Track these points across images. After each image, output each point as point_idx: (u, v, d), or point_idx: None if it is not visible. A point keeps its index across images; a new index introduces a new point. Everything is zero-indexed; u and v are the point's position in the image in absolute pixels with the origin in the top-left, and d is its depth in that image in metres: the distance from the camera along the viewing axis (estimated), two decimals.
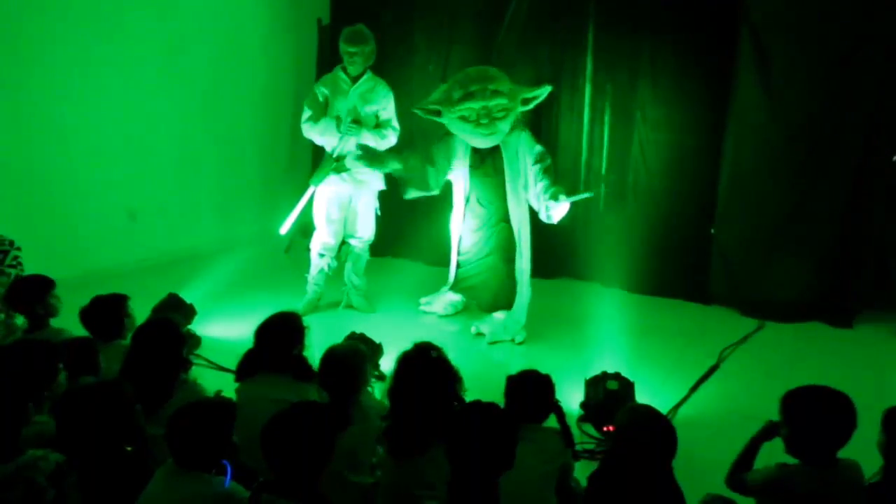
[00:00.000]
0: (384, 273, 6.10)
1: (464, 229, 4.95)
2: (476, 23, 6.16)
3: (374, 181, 5.14)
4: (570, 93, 5.94)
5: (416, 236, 6.51)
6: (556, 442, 2.61)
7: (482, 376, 4.25)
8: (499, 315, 4.89)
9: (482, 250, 4.91)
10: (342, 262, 5.30)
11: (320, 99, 4.97)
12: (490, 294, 4.97)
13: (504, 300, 4.87)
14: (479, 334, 4.88)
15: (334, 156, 4.97)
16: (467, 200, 4.87)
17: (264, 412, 2.31)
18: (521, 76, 5.83)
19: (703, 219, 5.56)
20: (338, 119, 4.90)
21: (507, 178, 4.68)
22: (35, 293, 3.43)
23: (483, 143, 4.60)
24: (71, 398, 2.27)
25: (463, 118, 4.43)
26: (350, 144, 4.94)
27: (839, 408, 2.30)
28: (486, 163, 4.71)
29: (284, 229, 5.20)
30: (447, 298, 5.23)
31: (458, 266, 5.07)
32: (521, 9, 5.98)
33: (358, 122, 4.91)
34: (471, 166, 4.76)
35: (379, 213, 5.26)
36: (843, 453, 2.44)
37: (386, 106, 5.02)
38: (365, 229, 5.21)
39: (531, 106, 4.62)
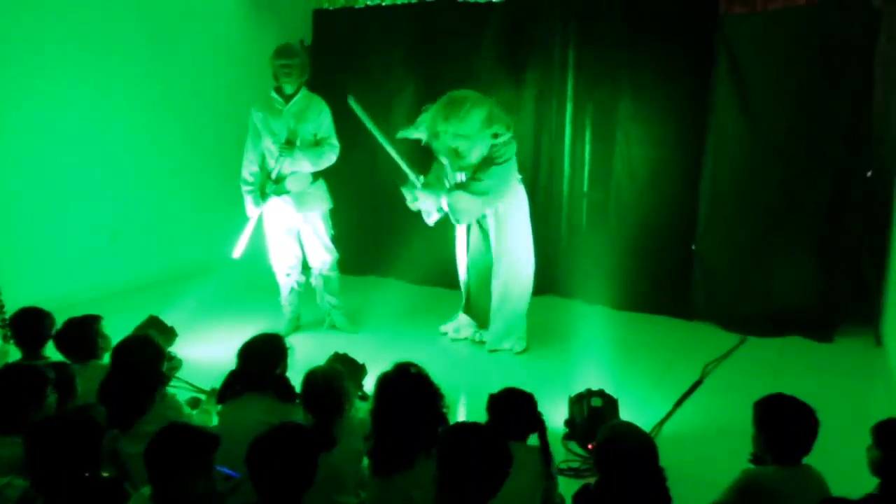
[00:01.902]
0: (368, 292, 6.09)
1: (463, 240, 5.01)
2: (457, 43, 6.21)
3: (318, 202, 5.00)
4: (552, 111, 5.99)
5: (400, 255, 6.52)
6: (537, 459, 2.60)
7: (465, 393, 4.27)
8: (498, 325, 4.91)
9: (472, 262, 4.98)
10: (308, 281, 5.22)
11: (257, 124, 4.86)
12: (481, 307, 5.00)
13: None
14: (481, 342, 4.94)
15: (273, 177, 4.86)
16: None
17: (247, 434, 2.29)
18: (503, 96, 5.90)
19: (684, 235, 5.60)
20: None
21: None
22: (41, 329, 3.40)
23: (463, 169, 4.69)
24: (36, 428, 2.22)
25: (437, 150, 4.69)
26: (287, 166, 4.82)
27: (801, 413, 2.45)
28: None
29: (237, 254, 5.10)
30: (466, 319, 5.15)
31: (466, 283, 5.08)
32: (502, 28, 6.04)
33: (291, 142, 4.79)
34: None
35: (332, 231, 5.14)
36: (825, 464, 2.47)
37: (322, 123, 4.88)
38: (321, 252, 5.08)
39: (499, 141, 4.58)
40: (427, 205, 4.71)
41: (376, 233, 6.71)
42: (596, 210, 5.93)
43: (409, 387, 2.56)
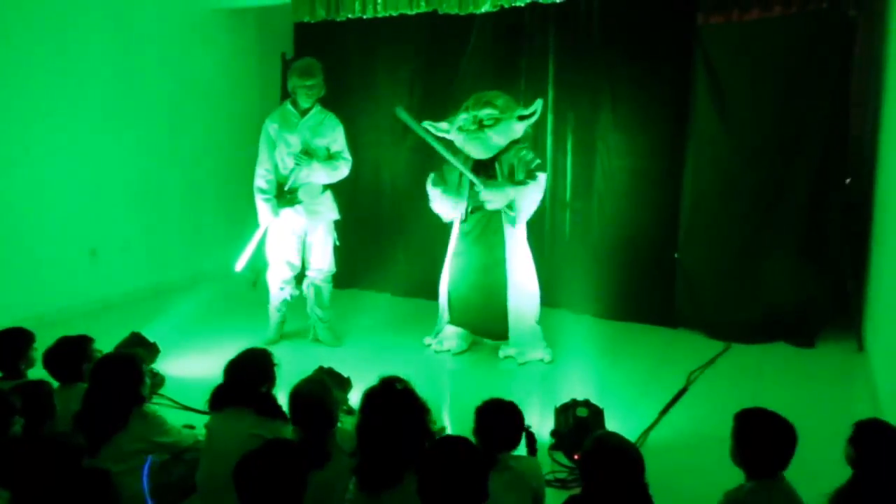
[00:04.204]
0: (351, 305, 6.08)
1: (457, 249, 4.97)
2: (438, 55, 6.23)
3: (328, 212, 5.11)
4: (534, 123, 6.01)
5: (382, 267, 6.51)
6: (527, 467, 2.61)
7: (451, 405, 4.26)
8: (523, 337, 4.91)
9: (471, 272, 4.92)
10: (302, 293, 5.24)
11: (270, 134, 4.95)
12: (484, 319, 4.97)
13: (502, 324, 4.90)
14: (508, 357, 4.90)
15: (286, 188, 4.95)
16: (464, 215, 4.91)
17: (235, 447, 2.29)
18: None
19: (667, 243, 5.63)
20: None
21: None
22: (19, 348, 3.35)
23: (476, 150, 4.75)
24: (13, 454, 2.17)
25: (460, 128, 4.74)
26: (302, 176, 4.93)
27: (780, 429, 2.43)
28: (481, 172, 4.80)
29: (240, 266, 5.13)
30: (452, 331, 5.12)
31: (450, 294, 5.05)
32: (483, 41, 6.08)
33: (308, 153, 4.91)
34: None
35: (338, 243, 5.23)
36: (808, 470, 2.49)
37: (336, 138, 5.04)
38: (322, 261, 5.15)
39: (528, 122, 4.79)
40: (498, 201, 4.69)
41: (359, 246, 6.69)
42: (579, 220, 5.95)
43: (394, 402, 2.55)
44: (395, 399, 2.55)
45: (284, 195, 4.95)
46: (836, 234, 5.13)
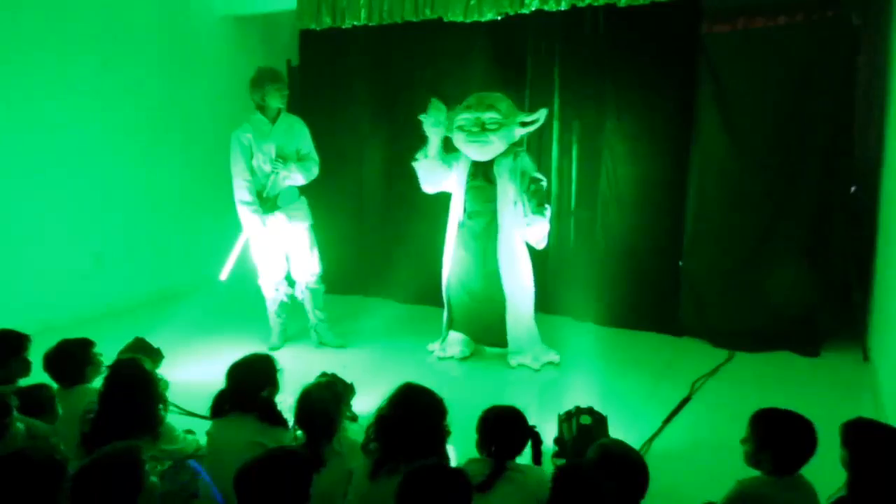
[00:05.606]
0: (354, 311, 6.08)
1: (455, 255, 4.96)
2: (444, 63, 6.25)
3: (305, 216, 5.18)
4: (538, 130, 6.01)
5: (387, 274, 6.51)
6: (532, 476, 2.60)
7: (456, 413, 4.24)
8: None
9: (471, 277, 4.92)
10: (297, 300, 5.29)
11: (245, 144, 4.98)
12: (484, 326, 4.97)
13: (501, 332, 4.90)
14: (521, 365, 4.90)
15: (266, 195, 5.01)
16: (462, 217, 4.91)
17: (238, 453, 2.29)
18: None
19: (671, 251, 5.63)
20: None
21: (497, 196, 4.77)
22: (6, 351, 3.33)
23: (476, 152, 4.76)
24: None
25: (460, 127, 4.72)
26: (282, 180, 5.00)
27: (804, 428, 2.48)
28: (479, 175, 4.83)
29: (224, 276, 5.23)
30: (456, 337, 5.13)
31: (449, 300, 5.05)
32: (488, 48, 6.09)
33: (283, 157, 4.99)
34: (468, 177, 4.87)
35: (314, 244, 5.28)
36: (812, 479, 2.48)
37: (305, 140, 5.15)
38: (309, 264, 5.21)
39: (529, 129, 4.80)
40: (535, 232, 4.71)
41: (361, 252, 6.71)
42: (583, 228, 5.95)
43: (427, 403, 2.60)
44: (428, 400, 2.60)
45: (267, 202, 5.01)
46: (841, 242, 5.11)
